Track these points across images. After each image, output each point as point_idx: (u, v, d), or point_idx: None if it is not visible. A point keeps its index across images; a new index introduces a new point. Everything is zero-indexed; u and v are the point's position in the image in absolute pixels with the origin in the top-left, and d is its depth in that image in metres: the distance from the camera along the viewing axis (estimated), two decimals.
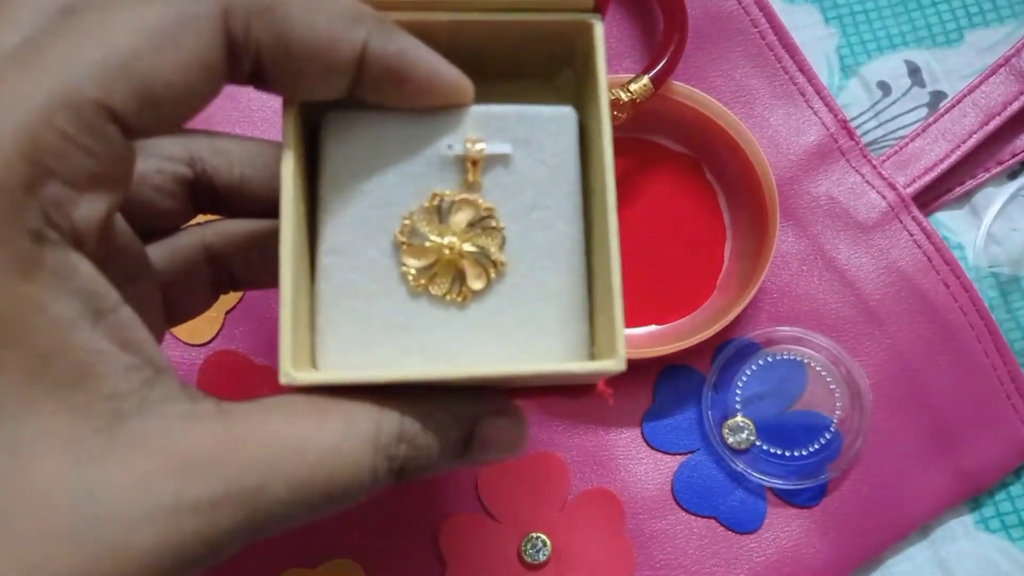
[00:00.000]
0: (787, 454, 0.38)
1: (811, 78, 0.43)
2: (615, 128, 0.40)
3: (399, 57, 0.21)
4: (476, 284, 0.24)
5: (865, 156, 0.42)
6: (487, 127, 0.24)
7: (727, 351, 0.39)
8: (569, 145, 0.24)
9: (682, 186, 0.42)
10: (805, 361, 0.39)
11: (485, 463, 0.25)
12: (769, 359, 0.39)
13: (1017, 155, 0.43)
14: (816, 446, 0.38)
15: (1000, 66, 0.43)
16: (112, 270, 0.19)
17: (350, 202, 0.23)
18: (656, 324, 0.40)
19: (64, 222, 0.17)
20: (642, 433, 0.39)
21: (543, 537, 0.38)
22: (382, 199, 0.24)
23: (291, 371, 0.21)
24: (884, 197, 0.41)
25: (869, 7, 0.46)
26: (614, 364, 0.22)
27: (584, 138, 0.25)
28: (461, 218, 0.24)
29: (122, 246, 0.23)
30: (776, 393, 0.39)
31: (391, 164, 0.24)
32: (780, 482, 0.38)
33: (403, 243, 0.23)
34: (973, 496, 0.39)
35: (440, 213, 0.24)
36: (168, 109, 0.18)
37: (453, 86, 0.23)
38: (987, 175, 0.43)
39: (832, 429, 0.38)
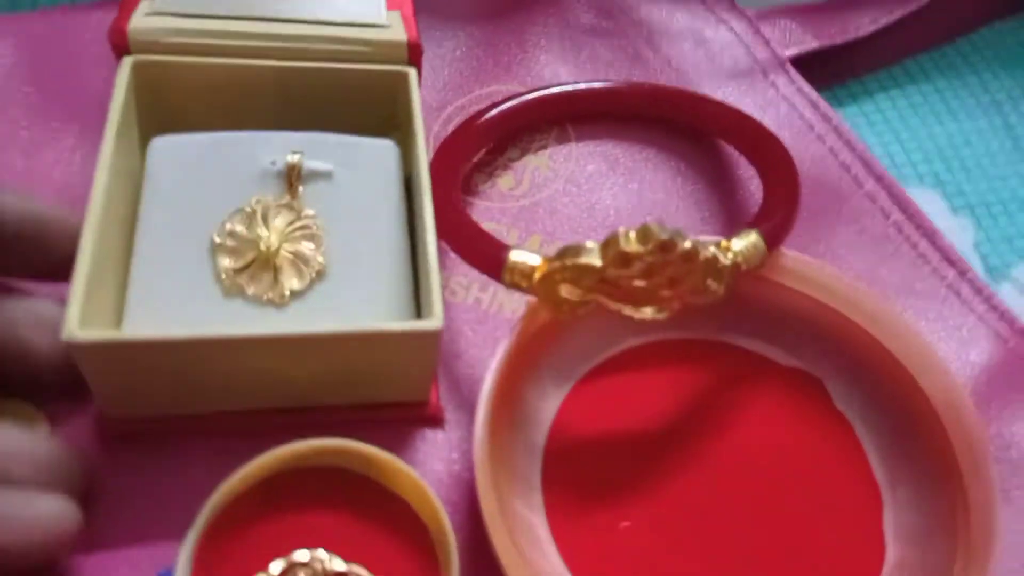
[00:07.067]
0: None
1: (964, 272, 0.29)
2: (705, 308, 0.25)
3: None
4: (294, 283, 0.24)
5: None
6: (311, 149, 0.26)
7: None
8: (391, 170, 0.26)
9: (795, 418, 0.26)
10: None
11: None
12: None
13: None
14: None
15: None
16: None
17: (168, 213, 0.24)
18: None
19: None
20: None
21: None
22: (202, 209, 0.24)
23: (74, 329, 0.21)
24: None
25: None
26: (433, 322, 0.22)
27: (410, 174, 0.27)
28: (280, 222, 0.25)
29: None
30: None
31: (214, 178, 0.25)
32: None
33: (219, 244, 0.24)
34: None
35: (260, 218, 0.24)
36: None
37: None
38: None
39: None
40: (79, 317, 0.21)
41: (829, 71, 0.36)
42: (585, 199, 0.30)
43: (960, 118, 0.37)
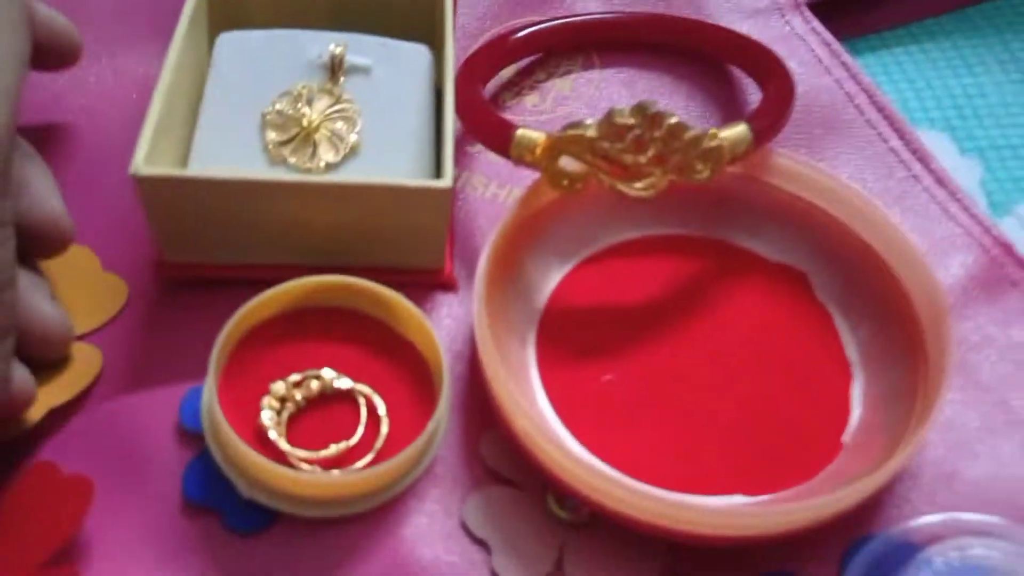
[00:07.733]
0: None
1: (954, 192, 0.31)
2: (700, 206, 0.28)
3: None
4: (329, 156, 0.27)
5: None
6: (354, 46, 0.29)
7: (869, 553, 0.23)
8: (422, 69, 0.30)
9: (778, 305, 0.28)
10: (1009, 566, 0.22)
11: None
12: (943, 564, 0.23)
13: None
14: None
15: None
16: None
17: (228, 93, 0.29)
18: (743, 495, 0.25)
19: None
20: None
21: None
22: (257, 92, 0.28)
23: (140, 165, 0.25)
24: None
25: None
26: (444, 181, 0.26)
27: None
28: (321, 105, 0.28)
29: None
30: None
31: (269, 66, 0.29)
32: None
33: (268, 120, 0.28)
34: None
35: (304, 100, 0.28)
36: None
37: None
38: None
39: None
40: (145, 157, 0.25)
41: (849, 22, 0.38)
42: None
43: (977, 72, 0.38)
